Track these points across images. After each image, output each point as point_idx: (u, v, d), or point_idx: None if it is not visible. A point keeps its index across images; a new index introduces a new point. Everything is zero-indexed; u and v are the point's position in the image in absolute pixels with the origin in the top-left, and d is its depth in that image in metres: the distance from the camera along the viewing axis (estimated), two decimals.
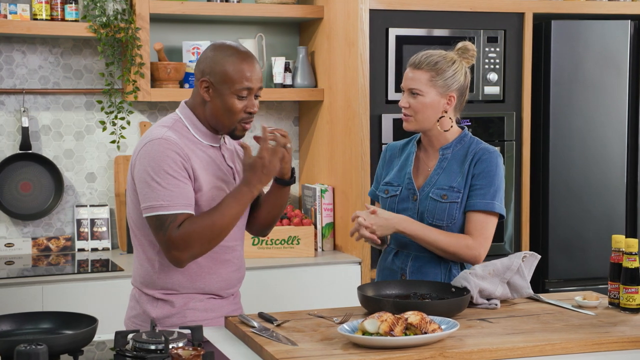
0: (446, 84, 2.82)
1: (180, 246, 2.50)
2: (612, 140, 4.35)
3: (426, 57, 2.84)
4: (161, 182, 2.51)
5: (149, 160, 2.53)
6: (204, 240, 2.52)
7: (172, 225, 2.50)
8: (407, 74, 2.85)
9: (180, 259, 2.52)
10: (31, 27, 3.92)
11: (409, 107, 2.83)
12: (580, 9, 4.33)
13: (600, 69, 4.32)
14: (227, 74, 2.56)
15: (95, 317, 2.30)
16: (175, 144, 2.54)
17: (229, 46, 2.62)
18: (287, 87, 4.37)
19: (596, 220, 4.35)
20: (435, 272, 2.84)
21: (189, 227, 2.49)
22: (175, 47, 4.31)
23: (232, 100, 2.57)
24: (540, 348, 2.27)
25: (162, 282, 2.64)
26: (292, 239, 4.05)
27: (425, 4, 4.08)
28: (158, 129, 2.61)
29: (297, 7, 4.29)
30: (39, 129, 4.20)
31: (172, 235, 2.49)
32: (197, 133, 2.64)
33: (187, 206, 2.53)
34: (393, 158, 3.01)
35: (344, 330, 2.29)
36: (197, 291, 2.65)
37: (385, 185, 2.95)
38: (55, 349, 2.08)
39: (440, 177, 2.86)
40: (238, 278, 2.76)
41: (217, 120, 2.62)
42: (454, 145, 2.88)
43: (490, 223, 2.83)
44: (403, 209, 2.87)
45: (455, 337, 2.32)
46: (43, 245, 4.19)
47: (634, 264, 2.62)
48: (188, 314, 2.65)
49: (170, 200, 2.50)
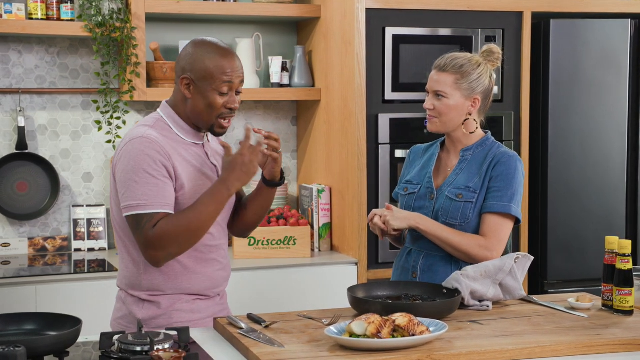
0: (471, 86, 2.84)
1: (156, 245, 2.48)
2: (612, 140, 4.32)
3: (452, 59, 2.85)
4: (139, 181, 2.49)
5: (128, 160, 2.52)
6: (181, 239, 2.50)
7: (148, 225, 2.48)
8: (432, 76, 2.87)
9: (156, 258, 2.50)
10: (26, 26, 3.91)
11: (434, 109, 2.85)
12: (579, 7, 4.30)
13: (600, 69, 4.28)
14: (207, 71, 2.56)
15: (80, 318, 2.29)
16: (155, 142, 2.53)
17: (209, 42, 2.61)
18: (285, 87, 4.35)
19: (596, 220, 4.32)
20: (445, 271, 2.82)
21: (165, 226, 2.47)
22: (171, 47, 4.30)
23: (214, 96, 2.56)
24: (530, 350, 2.24)
25: (147, 284, 2.62)
26: (289, 240, 4.03)
27: (422, 3, 4.06)
28: (139, 128, 2.60)
29: (294, 6, 4.27)
30: (35, 128, 4.19)
31: (148, 235, 2.47)
32: (180, 131, 2.62)
33: (165, 205, 2.50)
34: (416, 159, 3.03)
35: (331, 332, 2.26)
36: (183, 292, 2.64)
37: (405, 184, 2.98)
38: (38, 351, 2.06)
39: (458, 177, 2.87)
40: (224, 277, 2.74)
41: (198, 117, 2.60)
42: (475, 147, 2.89)
43: (505, 226, 2.81)
44: (419, 207, 2.89)
45: (444, 339, 2.30)
46: (39, 245, 4.18)
47: (627, 265, 2.59)
48: (174, 315, 2.63)
49: (147, 199, 2.48)
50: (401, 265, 2.96)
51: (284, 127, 4.58)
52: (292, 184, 4.59)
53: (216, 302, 2.72)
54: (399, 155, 4.03)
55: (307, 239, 4.06)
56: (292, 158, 4.61)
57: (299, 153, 4.59)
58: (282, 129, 4.56)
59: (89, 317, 3.49)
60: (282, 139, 4.57)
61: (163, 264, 2.54)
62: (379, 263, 4.06)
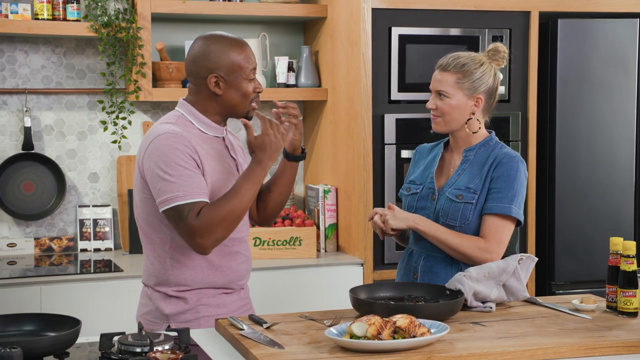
0: (473, 86, 2.81)
1: (203, 233, 2.51)
2: (619, 140, 4.29)
3: (454, 59, 2.83)
4: (174, 174, 2.52)
5: (158, 155, 2.55)
6: (226, 224, 2.54)
7: (192, 214, 2.51)
8: (435, 76, 2.86)
9: (204, 245, 2.53)
10: (32, 26, 3.92)
11: (436, 108, 2.83)
12: (587, 7, 4.27)
13: (608, 68, 4.26)
14: (235, 64, 2.62)
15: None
16: (181, 136, 2.57)
17: (221, 37, 2.67)
18: (291, 87, 4.34)
19: (603, 221, 4.29)
20: (446, 273, 2.80)
21: (209, 214, 2.51)
22: (177, 47, 4.30)
23: (246, 85, 2.64)
24: (532, 353, 2.22)
25: (174, 279, 2.66)
26: (294, 240, 4.02)
27: (428, 3, 4.04)
28: (162, 125, 2.63)
29: (301, 6, 4.26)
30: (41, 128, 4.19)
31: (194, 224, 2.50)
32: (202, 126, 2.66)
33: (202, 194, 2.55)
34: (420, 159, 3.02)
35: (331, 333, 2.25)
36: (210, 285, 2.68)
37: (409, 184, 2.97)
38: (36, 351, 2.06)
39: (460, 177, 2.85)
40: (247, 269, 2.79)
41: (233, 109, 2.67)
42: (478, 148, 2.87)
43: (505, 227, 2.78)
44: (421, 207, 2.88)
45: (445, 340, 2.28)
46: (45, 246, 4.18)
47: (631, 267, 2.57)
48: (201, 309, 2.67)
49: (185, 190, 2.52)
50: (404, 266, 2.95)
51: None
52: (298, 185, 4.58)
53: (240, 296, 2.77)
54: (405, 156, 4.01)
55: (313, 240, 4.05)
56: None
57: None
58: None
59: (94, 317, 3.52)
60: None
61: (210, 251, 2.58)
62: (384, 264, 4.04)
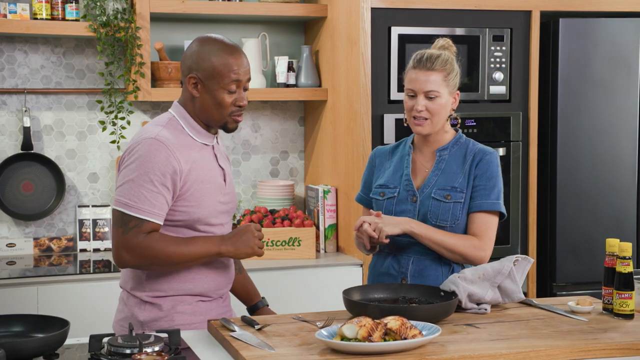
0: (454, 82, 2.81)
1: (133, 252, 2.48)
2: (622, 141, 4.26)
3: (435, 57, 2.78)
4: (142, 184, 2.47)
5: (136, 159, 2.50)
6: (158, 261, 2.50)
7: (135, 229, 2.47)
8: (418, 77, 2.77)
9: (125, 261, 2.51)
10: (30, 26, 3.91)
11: (426, 110, 2.77)
12: (589, 6, 4.24)
13: (610, 68, 4.22)
14: (215, 69, 2.53)
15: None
16: (166, 146, 2.50)
17: (214, 39, 2.59)
18: (291, 87, 4.32)
19: (605, 222, 4.26)
20: (436, 275, 2.78)
21: (154, 243, 2.48)
22: (176, 47, 4.28)
23: (222, 94, 2.54)
24: (524, 355, 2.20)
25: (150, 285, 2.60)
26: (293, 241, 4.01)
27: (428, 2, 4.01)
28: (152, 127, 2.58)
29: (301, 6, 4.24)
30: (41, 128, 4.19)
31: (132, 240, 2.47)
32: (192, 132, 2.60)
33: (156, 215, 2.49)
34: (383, 162, 2.94)
35: (322, 335, 2.24)
36: (186, 292, 2.61)
37: (380, 188, 2.89)
38: (23, 353, 2.05)
39: (439, 178, 2.81)
40: (228, 278, 2.72)
41: (208, 116, 2.58)
42: (451, 146, 2.84)
43: (493, 223, 2.80)
44: (401, 211, 2.81)
45: (437, 342, 2.26)
46: (45, 246, 4.17)
47: (627, 268, 2.54)
48: (176, 317, 2.60)
49: (142, 204, 2.47)
50: (384, 272, 2.85)
51: (292, 127, 4.55)
52: (299, 185, 4.57)
53: (219, 304, 2.70)
54: None
55: (312, 240, 4.03)
56: (300, 158, 4.58)
57: (306, 154, 4.56)
58: (289, 129, 4.54)
59: (93, 318, 3.51)
60: (289, 139, 4.55)
61: (124, 268, 2.59)
62: None
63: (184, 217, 2.55)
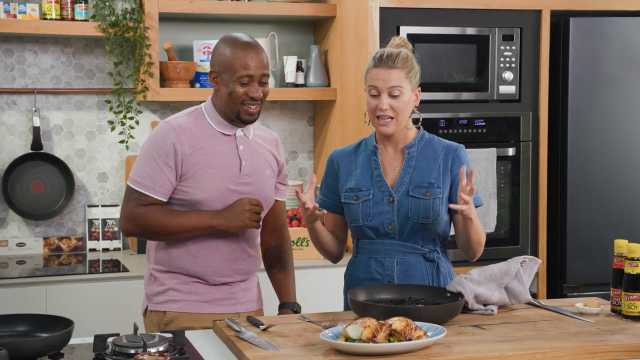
0: (416, 79, 2.80)
1: (131, 221, 2.71)
2: (633, 140, 4.23)
3: (395, 54, 2.75)
4: (147, 162, 2.70)
5: (148, 140, 2.75)
6: (151, 230, 2.70)
7: (135, 201, 2.70)
8: (380, 75, 2.73)
9: (125, 230, 2.74)
10: (40, 26, 3.92)
11: (390, 108, 2.73)
12: (599, 5, 4.21)
13: (621, 68, 4.19)
14: (227, 63, 2.70)
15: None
16: (174, 128, 2.70)
17: (232, 37, 2.75)
18: (300, 87, 4.31)
19: (616, 223, 4.23)
20: (422, 275, 2.77)
21: (150, 214, 2.68)
22: (185, 47, 4.28)
23: (234, 86, 2.69)
24: (530, 357, 2.19)
25: (154, 257, 2.80)
26: (302, 241, 4.00)
27: (437, 2, 3.99)
28: (175, 115, 2.81)
29: (310, 5, 4.23)
30: (50, 128, 4.19)
31: (131, 210, 2.70)
32: (213, 121, 2.77)
33: (155, 190, 2.69)
34: (346, 164, 2.87)
35: (326, 336, 2.23)
36: (183, 272, 2.76)
37: (352, 192, 2.81)
38: (26, 353, 2.05)
39: (412, 175, 2.78)
40: (234, 269, 2.78)
41: (225, 107, 2.74)
42: (417, 143, 2.83)
43: None
44: (378, 213, 2.77)
45: (443, 344, 2.25)
46: (54, 245, 4.18)
47: (636, 269, 2.52)
48: (170, 293, 2.76)
49: (144, 180, 2.69)
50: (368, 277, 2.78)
51: (301, 127, 4.54)
52: (307, 185, 4.55)
53: (222, 291, 2.78)
54: None
55: None
56: (309, 158, 4.57)
57: (315, 153, 4.55)
58: (298, 129, 4.53)
59: (101, 317, 3.52)
60: (298, 139, 4.54)
61: (128, 237, 2.85)
62: None
63: (184, 197, 2.70)
